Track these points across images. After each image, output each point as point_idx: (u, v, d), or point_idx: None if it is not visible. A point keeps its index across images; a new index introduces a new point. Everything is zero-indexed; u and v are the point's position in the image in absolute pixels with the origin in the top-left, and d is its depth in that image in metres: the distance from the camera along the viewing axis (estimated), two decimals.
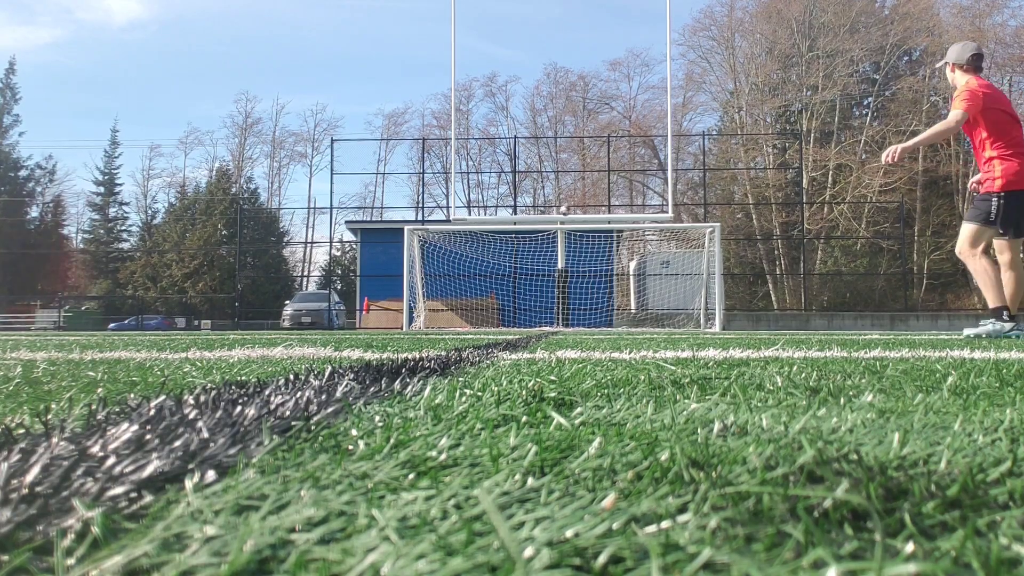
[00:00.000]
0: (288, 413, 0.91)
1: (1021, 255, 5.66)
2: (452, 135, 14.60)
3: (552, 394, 1.17)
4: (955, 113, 5.58)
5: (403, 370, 1.64)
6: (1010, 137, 5.56)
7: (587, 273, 17.52)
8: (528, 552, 0.38)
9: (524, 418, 0.90)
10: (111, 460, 0.61)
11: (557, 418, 0.87)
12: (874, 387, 1.31)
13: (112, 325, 31.24)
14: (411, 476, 0.59)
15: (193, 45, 70.34)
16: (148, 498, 0.52)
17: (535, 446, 0.67)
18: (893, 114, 35.09)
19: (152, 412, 0.89)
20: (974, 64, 5.86)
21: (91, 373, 1.77)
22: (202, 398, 1.02)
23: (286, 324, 22.85)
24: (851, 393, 1.21)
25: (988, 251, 5.58)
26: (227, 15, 70.84)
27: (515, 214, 31.57)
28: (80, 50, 71.38)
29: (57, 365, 2.11)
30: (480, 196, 47.49)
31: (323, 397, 1.08)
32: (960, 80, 5.82)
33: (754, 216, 35.56)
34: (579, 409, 0.99)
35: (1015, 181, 5.40)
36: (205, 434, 0.73)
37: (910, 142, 5.78)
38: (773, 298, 33.81)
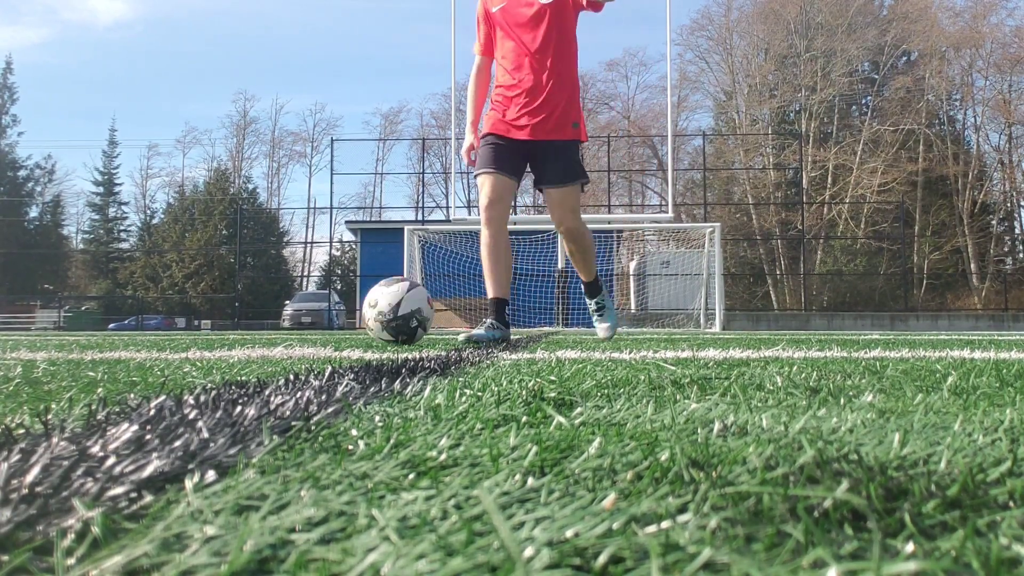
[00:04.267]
0: (288, 413, 0.91)
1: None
2: (452, 135, 14.58)
3: (552, 394, 1.17)
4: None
5: (403, 370, 1.63)
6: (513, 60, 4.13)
7: None
8: (528, 552, 0.38)
9: (524, 418, 0.90)
10: (111, 460, 0.61)
11: (558, 418, 0.87)
12: (874, 387, 1.31)
13: (112, 325, 31.22)
14: (411, 476, 0.59)
15: (183, 45, 70.30)
16: (148, 498, 0.52)
17: (535, 446, 0.67)
18: (891, 113, 35.09)
19: (152, 412, 0.89)
20: None
21: (91, 373, 1.77)
22: (202, 398, 1.02)
23: (286, 324, 22.86)
24: (851, 393, 1.21)
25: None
26: (215, 14, 70.76)
27: (515, 214, 31.55)
28: (68, 50, 71.32)
29: (57, 365, 2.11)
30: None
31: (323, 397, 1.08)
32: None
33: (754, 216, 35.56)
34: (579, 409, 0.99)
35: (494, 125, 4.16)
36: (205, 434, 0.73)
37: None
38: (773, 298, 33.81)
